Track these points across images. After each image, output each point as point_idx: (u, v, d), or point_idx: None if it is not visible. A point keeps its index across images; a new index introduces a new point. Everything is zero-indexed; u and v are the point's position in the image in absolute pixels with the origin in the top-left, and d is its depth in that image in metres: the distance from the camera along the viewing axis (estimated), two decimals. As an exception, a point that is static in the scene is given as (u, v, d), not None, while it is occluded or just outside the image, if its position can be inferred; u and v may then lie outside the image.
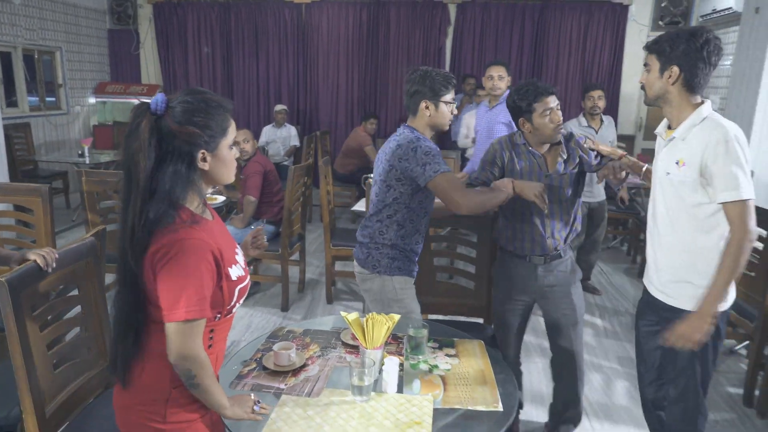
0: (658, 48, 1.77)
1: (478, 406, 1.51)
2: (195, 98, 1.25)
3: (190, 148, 1.23)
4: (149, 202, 1.20)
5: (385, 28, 7.27)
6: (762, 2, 3.91)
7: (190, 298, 1.20)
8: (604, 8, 6.82)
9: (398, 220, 2.08)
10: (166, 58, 7.79)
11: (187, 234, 1.22)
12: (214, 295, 1.26)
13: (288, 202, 3.58)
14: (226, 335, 1.41)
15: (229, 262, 1.31)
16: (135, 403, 1.30)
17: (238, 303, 1.36)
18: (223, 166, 1.31)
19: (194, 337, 1.23)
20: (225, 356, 1.49)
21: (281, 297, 3.81)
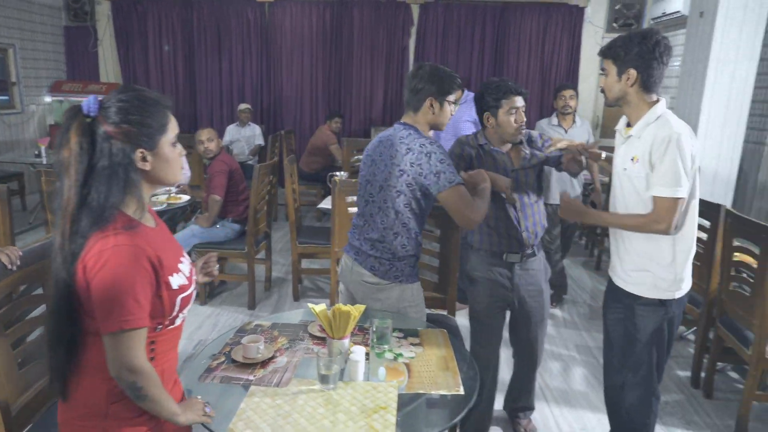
0: (613, 53, 1.85)
1: (440, 390, 1.58)
2: (129, 96, 1.21)
3: (128, 148, 1.19)
4: (83, 207, 1.17)
5: (349, 27, 7.31)
6: (706, 7, 4.13)
7: (124, 308, 1.15)
8: (561, 10, 7.03)
9: (414, 228, 2.01)
10: (126, 56, 7.63)
11: (121, 240, 1.16)
12: (153, 305, 1.22)
13: (254, 200, 3.60)
14: (174, 347, 1.36)
15: (169, 270, 1.26)
16: (73, 417, 1.25)
17: (181, 313, 1.31)
18: (167, 165, 1.27)
19: (134, 347, 1.18)
20: (194, 348, 1.51)
21: (248, 295, 3.82)
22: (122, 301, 1.14)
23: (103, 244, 1.15)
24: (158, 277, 1.22)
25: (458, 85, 2.05)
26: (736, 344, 2.64)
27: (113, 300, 1.14)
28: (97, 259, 1.14)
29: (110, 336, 1.15)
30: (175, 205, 3.87)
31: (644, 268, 1.90)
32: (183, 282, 1.29)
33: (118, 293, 1.14)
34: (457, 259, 2.59)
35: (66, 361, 1.23)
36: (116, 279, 1.14)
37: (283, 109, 7.61)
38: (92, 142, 1.18)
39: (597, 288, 4.40)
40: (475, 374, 1.68)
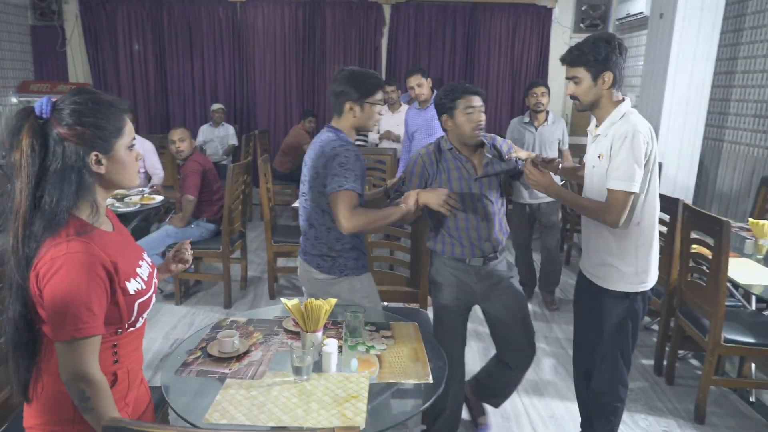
0: (584, 59, 1.90)
1: (410, 379, 1.64)
2: (83, 98, 1.21)
3: (81, 151, 1.19)
4: (35, 211, 1.16)
5: (322, 27, 7.34)
6: (665, 8, 4.28)
7: (76, 317, 1.14)
8: (529, 10, 7.17)
9: None
10: (95, 56, 7.53)
11: (73, 248, 1.16)
12: (109, 311, 1.22)
13: (228, 200, 3.62)
14: (137, 348, 1.38)
15: (125, 275, 1.26)
16: (41, 423, 1.25)
17: (140, 317, 1.32)
18: (122, 169, 1.27)
19: (86, 356, 1.17)
20: (171, 347, 1.53)
21: (223, 295, 3.84)
22: (75, 309, 1.14)
23: (56, 251, 1.15)
24: (113, 284, 1.22)
25: (380, 86, 2.10)
26: (695, 332, 2.77)
27: (66, 308, 1.13)
28: (49, 267, 1.14)
29: (62, 344, 1.15)
30: (148, 205, 3.86)
31: (609, 263, 1.98)
32: (140, 287, 1.30)
33: (71, 302, 1.13)
34: (428, 255, 2.67)
35: (26, 366, 1.22)
36: (69, 287, 1.14)
37: (257, 108, 7.60)
38: (44, 144, 1.17)
39: (566, 282, 4.53)
40: (444, 364, 1.75)
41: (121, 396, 1.31)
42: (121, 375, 1.30)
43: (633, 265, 1.97)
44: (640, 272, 1.99)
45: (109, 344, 1.25)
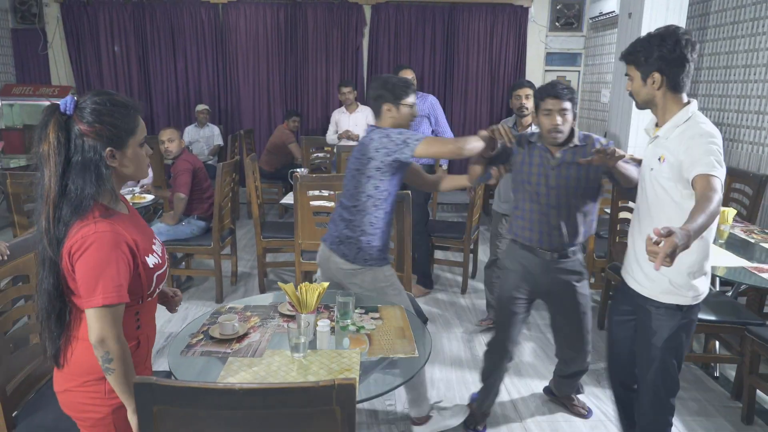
0: (635, 59, 1.85)
1: (398, 354, 1.80)
2: (103, 99, 1.36)
3: (98, 146, 1.34)
4: (63, 198, 1.32)
5: (304, 28, 7.45)
6: (633, 8, 4.49)
7: (106, 286, 1.31)
8: (506, 10, 7.37)
9: (385, 209, 2.30)
10: (78, 58, 7.56)
11: (101, 227, 1.33)
12: (133, 283, 1.39)
13: (218, 197, 3.74)
14: (153, 316, 1.58)
15: (145, 251, 1.44)
16: (75, 385, 1.42)
17: (158, 288, 1.52)
18: (132, 163, 1.43)
19: (113, 321, 1.33)
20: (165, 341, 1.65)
21: (215, 290, 3.96)
22: (104, 280, 1.31)
23: (86, 231, 1.32)
24: (135, 258, 1.39)
25: (412, 90, 2.37)
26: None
27: (96, 279, 1.31)
28: (81, 245, 1.31)
29: (93, 311, 1.32)
30: (139, 204, 3.96)
31: (662, 273, 1.80)
32: (157, 261, 1.49)
33: (101, 273, 1.31)
34: (410, 240, 2.83)
35: (58, 333, 1.40)
36: (98, 261, 1.31)
37: (241, 109, 7.69)
38: (68, 138, 1.33)
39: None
40: (430, 341, 1.90)
41: (141, 359, 1.49)
42: (143, 340, 1.49)
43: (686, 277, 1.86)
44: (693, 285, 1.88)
45: (132, 312, 1.43)
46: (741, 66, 4.39)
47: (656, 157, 1.87)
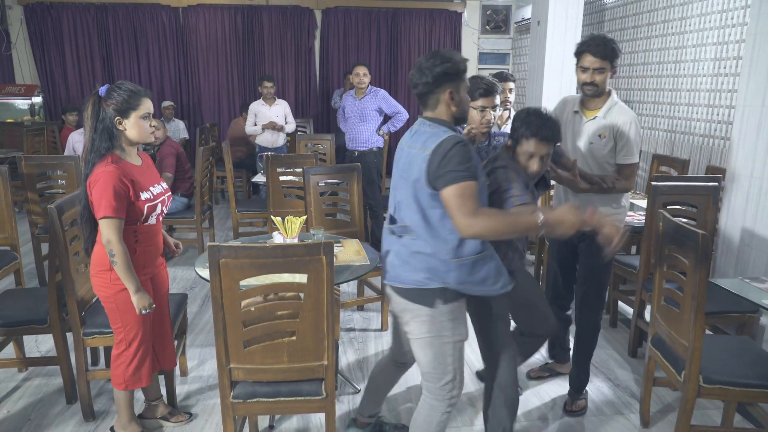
0: (612, 53, 2.32)
1: (356, 262, 2.60)
2: (117, 85, 2.09)
3: (111, 115, 2.06)
4: (92, 148, 2.06)
5: (260, 31, 8.13)
6: (541, 17, 5.45)
7: (106, 204, 1.98)
8: (442, 15, 8.29)
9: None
10: (42, 58, 7.96)
11: (108, 168, 2.02)
12: (129, 210, 2.06)
13: (199, 176, 4.44)
14: (153, 239, 2.23)
15: (140, 189, 2.09)
16: (95, 273, 2.14)
17: (150, 216, 2.15)
18: (133, 130, 2.10)
19: (115, 230, 2.01)
20: None
21: (197, 258, 4.64)
22: (105, 200, 2.00)
23: (99, 169, 2.04)
24: (130, 192, 2.07)
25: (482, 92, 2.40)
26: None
27: (100, 200, 2.00)
28: (95, 179, 2.03)
29: (100, 221, 2.03)
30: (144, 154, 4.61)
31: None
32: (149, 197, 2.15)
33: (104, 195, 2.00)
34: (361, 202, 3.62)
35: (90, 236, 2.15)
36: (103, 188, 2.00)
37: (202, 104, 8.30)
38: (98, 110, 2.09)
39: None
40: (377, 255, 2.70)
41: (140, 264, 2.18)
42: (140, 251, 2.19)
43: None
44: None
45: (131, 231, 2.14)
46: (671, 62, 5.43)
47: (596, 134, 2.43)
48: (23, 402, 2.68)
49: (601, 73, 2.34)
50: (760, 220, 2.97)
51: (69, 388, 2.63)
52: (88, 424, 2.50)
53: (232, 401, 1.95)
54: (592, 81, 2.35)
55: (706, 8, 4.30)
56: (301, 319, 1.90)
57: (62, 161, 4.01)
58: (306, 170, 3.55)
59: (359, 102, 4.88)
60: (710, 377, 2.12)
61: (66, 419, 2.54)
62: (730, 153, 3.21)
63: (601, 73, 2.34)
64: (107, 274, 2.12)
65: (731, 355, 2.29)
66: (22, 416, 2.56)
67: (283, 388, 1.98)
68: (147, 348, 2.24)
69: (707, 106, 4.31)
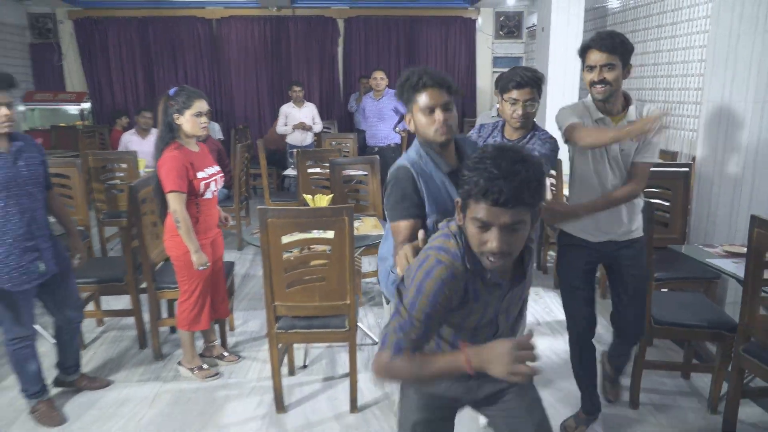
0: (623, 48, 2.08)
1: (372, 233, 3.15)
2: (181, 88, 2.68)
3: (171, 111, 2.64)
4: (160, 138, 2.67)
5: (286, 39, 8.76)
6: (545, 23, 5.94)
7: (172, 181, 2.57)
8: (457, 21, 8.81)
9: None
10: (90, 68, 8.70)
11: (173, 153, 2.62)
12: (190, 186, 2.63)
13: (237, 169, 5.04)
14: (210, 210, 2.82)
15: (197, 169, 2.67)
16: (167, 238, 2.73)
17: (206, 191, 2.74)
18: (187, 124, 2.66)
19: (179, 201, 2.58)
20: None
21: (237, 240, 5.25)
22: (171, 179, 2.59)
23: (165, 153, 2.66)
24: (190, 172, 2.66)
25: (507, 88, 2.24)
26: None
27: (167, 178, 2.60)
28: (163, 162, 2.63)
29: (168, 194, 2.62)
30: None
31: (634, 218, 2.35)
32: (204, 176, 2.74)
33: (169, 174, 2.59)
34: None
35: (162, 208, 2.72)
36: (169, 169, 2.60)
37: (234, 108, 8.95)
38: (167, 107, 2.68)
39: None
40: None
41: (201, 230, 2.76)
42: (201, 219, 2.77)
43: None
44: None
45: (193, 203, 2.72)
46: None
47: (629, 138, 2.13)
48: (104, 348, 3.29)
49: (612, 70, 2.07)
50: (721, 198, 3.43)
51: (141, 336, 3.23)
52: (158, 362, 3.10)
53: (276, 332, 2.51)
54: (602, 78, 2.07)
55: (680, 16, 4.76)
56: (329, 266, 2.46)
57: (122, 156, 4.66)
58: (332, 161, 4.11)
59: (377, 103, 5.45)
60: (660, 320, 2.61)
61: (140, 360, 3.14)
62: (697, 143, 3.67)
63: (611, 70, 2.07)
64: (177, 238, 2.70)
65: (681, 306, 2.77)
66: (104, 358, 3.17)
67: (315, 322, 2.53)
68: (205, 298, 2.83)
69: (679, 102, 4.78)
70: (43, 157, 2.49)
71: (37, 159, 2.43)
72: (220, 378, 2.94)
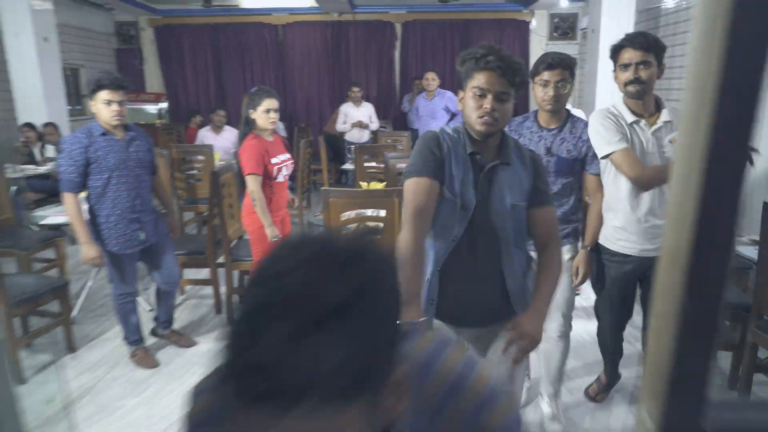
0: (657, 48, 2.06)
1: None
2: (258, 88, 3.10)
3: (248, 107, 3.06)
4: (241, 129, 3.11)
5: (346, 43, 9.24)
6: (595, 25, 6.11)
7: (249, 165, 2.96)
8: (512, 24, 9.02)
9: None
10: (168, 71, 9.50)
11: (251, 142, 3.01)
12: (265, 171, 3.02)
13: (300, 162, 5.52)
14: (282, 194, 3.21)
15: (271, 155, 3.05)
16: (245, 215, 3.13)
17: (279, 175, 3.14)
18: (259, 119, 3.03)
19: (254, 182, 2.96)
20: None
21: (299, 228, 5.74)
22: (249, 163, 3.00)
23: (245, 142, 3.07)
24: (265, 158, 3.07)
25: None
26: None
27: (246, 162, 3.01)
28: (243, 148, 3.05)
29: (246, 176, 3.04)
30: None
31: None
32: (277, 161, 3.14)
33: (248, 161, 3.01)
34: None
35: (241, 190, 3.16)
36: (249, 154, 3.01)
37: (297, 108, 9.52)
38: (246, 103, 3.10)
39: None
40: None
41: (273, 209, 3.16)
42: (273, 199, 3.18)
43: None
44: None
45: (267, 185, 3.13)
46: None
47: (667, 140, 2.13)
48: (185, 313, 3.80)
49: (647, 68, 2.06)
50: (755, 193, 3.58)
51: (218, 303, 3.72)
52: (232, 325, 3.58)
53: (335, 296, 2.92)
54: (637, 77, 2.06)
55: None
56: (380, 241, 2.83)
57: (200, 149, 5.22)
58: (386, 155, 4.50)
59: (430, 102, 5.81)
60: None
61: (216, 324, 3.63)
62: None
63: (646, 68, 2.06)
64: (253, 215, 3.15)
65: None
66: (187, 321, 3.67)
67: (368, 290, 2.92)
68: None
69: None
70: (150, 146, 2.99)
71: (145, 147, 2.93)
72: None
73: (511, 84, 1.54)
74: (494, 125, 1.56)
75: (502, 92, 1.54)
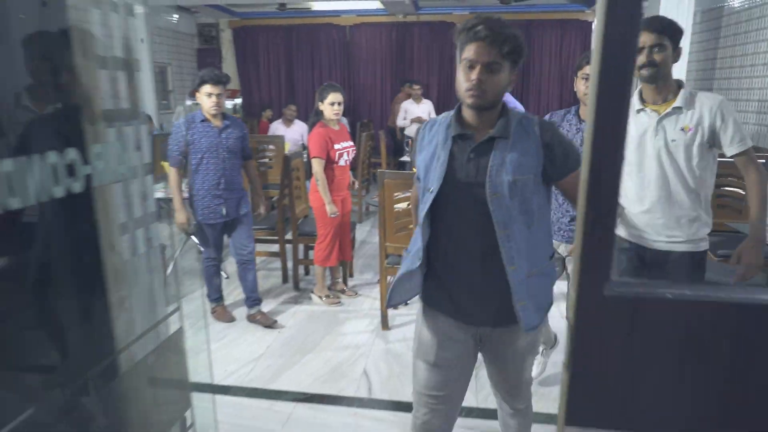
0: (672, 30, 1.98)
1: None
2: (327, 83, 3.57)
3: (318, 100, 3.51)
4: (311, 119, 3.59)
5: (410, 44, 9.63)
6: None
7: (315, 149, 3.45)
8: (574, 24, 9.11)
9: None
10: (244, 69, 10.22)
11: (318, 131, 3.49)
12: (328, 155, 3.47)
13: (361, 153, 5.97)
14: (344, 177, 3.66)
15: (335, 142, 3.50)
16: (311, 193, 3.64)
17: (340, 159, 3.57)
18: (325, 110, 3.49)
19: (319, 165, 3.45)
20: None
21: (358, 214, 6.18)
22: (316, 147, 3.50)
23: (314, 129, 3.57)
24: (329, 144, 3.51)
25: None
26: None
27: (313, 147, 3.54)
28: (311, 135, 3.56)
29: (312, 159, 3.52)
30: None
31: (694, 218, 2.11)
32: (340, 148, 3.58)
33: (315, 144, 3.50)
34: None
35: (309, 169, 3.62)
36: (315, 140, 3.51)
37: (360, 104, 10.01)
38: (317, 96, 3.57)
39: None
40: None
41: (335, 189, 3.61)
42: (335, 181, 3.61)
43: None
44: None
45: (330, 168, 3.58)
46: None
47: (679, 128, 2.00)
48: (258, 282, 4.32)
49: (662, 51, 1.97)
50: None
51: (285, 273, 4.22)
52: (297, 292, 4.06)
53: (386, 265, 3.32)
54: (651, 60, 1.97)
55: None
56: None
57: (272, 139, 5.76)
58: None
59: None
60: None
61: (283, 290, 4.12)
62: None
63: (661, 51, 1.97)
64: (317, 194, 3.61)
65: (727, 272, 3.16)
66: (258, 288, 4.19)
67: (415, 261, 3.30)
68: (335, 241, 3.71)
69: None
70: (242, 134, 3.45)
71: (236, 134, 3.40)
72: (341, 306, 3.82)
73: (503, 55, 1.48)
74: (482, 97, 1.50)
75: (492, 62, 1.48)
